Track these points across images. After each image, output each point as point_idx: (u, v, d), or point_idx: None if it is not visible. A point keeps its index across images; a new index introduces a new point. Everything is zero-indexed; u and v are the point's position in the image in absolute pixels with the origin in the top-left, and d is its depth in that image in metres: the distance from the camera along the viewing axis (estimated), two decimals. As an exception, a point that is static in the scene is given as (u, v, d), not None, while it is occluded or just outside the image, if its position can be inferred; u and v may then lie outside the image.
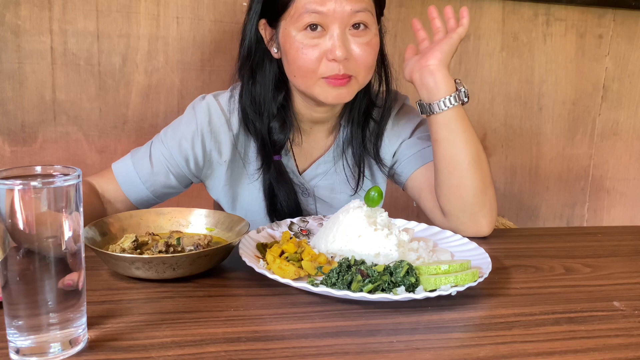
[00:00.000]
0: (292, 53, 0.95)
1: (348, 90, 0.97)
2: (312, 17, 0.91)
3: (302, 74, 0.96)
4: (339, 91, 0.96)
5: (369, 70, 0.98)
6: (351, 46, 0.94)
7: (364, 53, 0.95)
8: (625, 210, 1.99)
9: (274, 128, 1.03)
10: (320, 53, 0.93)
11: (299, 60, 0.94)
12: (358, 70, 0.96)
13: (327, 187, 1.11)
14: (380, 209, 0.88)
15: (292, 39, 0.94)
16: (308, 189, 1.11)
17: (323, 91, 0.96)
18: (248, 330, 0.64)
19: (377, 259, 0.81)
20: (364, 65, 0.96)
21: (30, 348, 0.56)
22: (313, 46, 0.93)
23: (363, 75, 0.98)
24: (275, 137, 1.04)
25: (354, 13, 0.92)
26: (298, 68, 0.95)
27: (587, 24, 1.79)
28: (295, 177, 1.09)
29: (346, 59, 0.93)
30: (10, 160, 1.45)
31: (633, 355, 0.63)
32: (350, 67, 0.94)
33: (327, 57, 0.93)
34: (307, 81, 0.96)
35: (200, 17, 1.50)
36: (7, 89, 1.42)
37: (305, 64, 0.94)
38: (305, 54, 0.93)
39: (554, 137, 1.86)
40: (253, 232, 0.90)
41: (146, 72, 1.49)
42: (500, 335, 0.66)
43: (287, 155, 1.09)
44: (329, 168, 1.11)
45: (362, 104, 1.07)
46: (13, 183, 0.53)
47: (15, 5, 1.39)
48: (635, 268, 0.91)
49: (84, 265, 0.59)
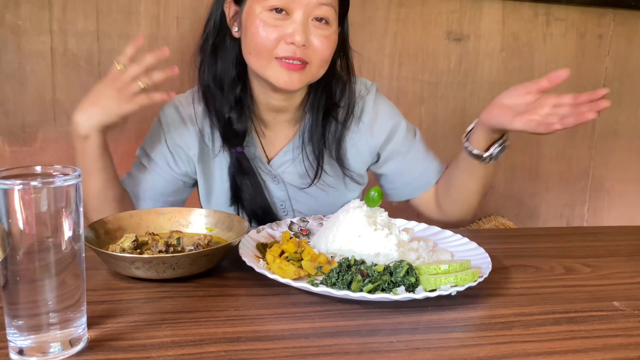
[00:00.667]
0: (252, 29, 0.96)
1: (300, 77, 0.97)
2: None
3: (258, 51, 0.97)
4: (290, 76, 0.97)
5: (323, 63, 1.00)
6: (311, 36, 0.96)
7: (322, 45, 0.97)
8: (625, 210, 1.99)
9: (233, 118, 1.05)
10: (279, 35, 0.95)
11: (257, 36, 0.96)
12: (313, 59, 0.97)
13: (295, 174, 1.12)
14: (380, 209, 0.88)
15: (254, 16, 0.96)
16: (277, 176, 1.11)
17: (275, 73, 0.97)
18: (248, 330, 0.64)
19: (377, 259, 0.81)
20: (320, 56, 0.97)
21: (30, 348, 0.56)
22: (274, 26, 0.95)
23: (317, 66, 0.99)
24: (235, 127, 1.05)
25: (319, 5, 0.95)
26: (255, 45, 0.97)
27: (587, 24, 1.79)
28: (263, 166, 1.11)
29: (304, 46, 0.95)
30: (10, 160, 1.45)
31: (633, 355, 0.63)
32: (307, 54, 0.96)
33: (286, 40, 0.95)
34: (261, 60, 0.97)
35: (200, 17, 1.49)
36: (7, 89, 1.42)
37: (262, 42, 0.95)
38: (265, 31, 0.95)
39: (554, 137, 1.86)
40: (253, 232, 0.90)
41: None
42: (500, 335, 0.66)
43: (254, 146, 1.10)
44: (296, 155, 1.11)
45: (321, 99, 1.07)
46: (13, 183, 0.53)
47: (15, 5, 1.39)
48: (635, 268, 0.91)
49: (84, 266, 0.59)
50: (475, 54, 1.74)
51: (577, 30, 1.79)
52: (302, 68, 0.97)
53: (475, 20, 1.71)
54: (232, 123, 1.05)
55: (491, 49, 1.75)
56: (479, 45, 1.73)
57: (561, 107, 0.89)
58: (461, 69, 1.74)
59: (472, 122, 1.02)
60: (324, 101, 1.07)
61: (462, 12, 1.70)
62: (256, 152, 1.10)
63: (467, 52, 1.73)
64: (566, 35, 1.79)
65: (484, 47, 1.74)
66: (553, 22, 1.77)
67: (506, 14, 1.73)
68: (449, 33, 1.70)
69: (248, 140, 1.08)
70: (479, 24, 1.72)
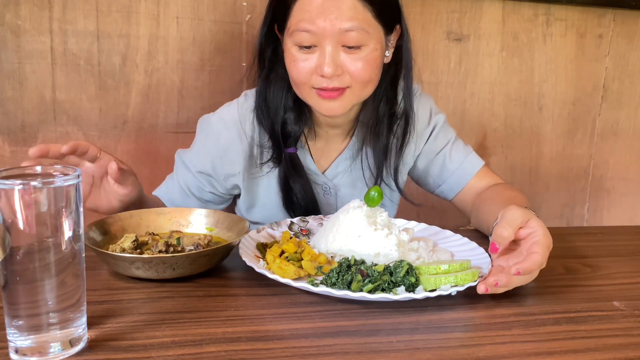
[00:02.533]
0: (287, 63, 0.98)
1: (341, 103, 0.97)
2: (303, 35, 0.93)
3: (296, 85, 0.99)
4: (330, 104, 0.97)
5: (367, 83, 0.98)
6: (344, 61, 0.94)
7: (358, 69, 0.94)
8: (625, 210, 1.99)
9: (289, 119, 1.04)
10: (311, 67, 0.94)
11: (292, 71, 0.97)
12: (352, 83, 0.96)
13: (348, 185, 1.12)
14: (380, 209, 0.88)
15: (287, 51, 0.97)
16: (331, 188, 1.12)
17: (315, 103, 0.98)
18: (248, 330, 0.64)
19: (377, 259, 0.81)
20: (359, 79, 0.96)
21: (30, 348, 0.56)
22: (305, 60, 0.95)
23: (359, 88, 0.97)
24: (290, 128, 1.05)
25: (344, 32, 0.91)
26: (292, 78, 0.99)
27: (587, 24, 1.79)
28: (317, 177, 1.11)
29: (337, 75, 0.94)
30: (10, 160, 1.45)
31: (633, 355, 0.63)
32: (344, 80, 0.95)
33: (317, 72, 0.94)
34: (301, 92, 0.99)
35: (200, 17, 1.50)
36: (7, 89, 1.42)
37: (297, 76, 0.96)
38: (298, 66, 0.95)
39: (554, 137, 1.86)
40: (253, 232, 0.90)
41: (146, 72, 1.49)
42: (500, 335, 0.66)
43: (303, 150, 1.10)
44: (348, 167, 1.12)
45: (379, 110, 1.06)
46: (13, 183, 0.53)
47: (15, 5, 1.39)
48: (635, 268, 0.91)
49: (84, 265, 0.59)
50: (475, 54, 1.73)
51: (577, 30, 1.79)
52: (341, 94, 0.96)
53: (475, 20, 1.71)
54: (288, 124, 1.05)
55: (491, 49, 1.74)
56: (479, 45, 1.73)
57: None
58: (461, 69, 1.74)
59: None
60: (382, 112, 1.06)
61: (462, 12, 1.69)
62: (305, 159, 1.10)
63: (467, 52, 1.73)
64: (566, 35, 1.78)
65: (484, 47, 1.74)
66: (553, 22, 1.76)
67: (506, 14, 1.73)
68: (449, 33, 1.70)
69: (298, 148, 1.08)
70: (479, 24, 1.71)
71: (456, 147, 1.15)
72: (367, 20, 0.93)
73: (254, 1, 1.52)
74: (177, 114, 1.51)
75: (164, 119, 1.50)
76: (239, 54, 1.54)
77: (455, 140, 1.16)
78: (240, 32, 1.53)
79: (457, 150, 1.14)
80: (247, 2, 1.52)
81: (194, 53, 1.51)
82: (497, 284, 0.72)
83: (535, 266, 0.74)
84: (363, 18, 0.92)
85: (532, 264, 0.73)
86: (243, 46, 1.54)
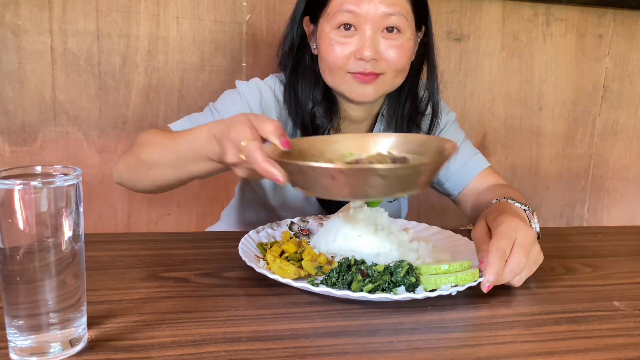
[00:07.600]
0: (323, 48, 0.98)
1: (374, 88, 0.98)
2: (345, 16, 0.94)
3: (331, 69, 0.99)
4: (364, 88, 0.98)
5: (399, 72, 1.00)
6: (381, 47, 0.96)
7: (394, 55, 0.96)
8: (625, 210, 1.99)
9: (317, 113, 1.05)
10: (350, 51, 0.96)
11: (328, 55, 0.97)
12: (387, 70, 0.97)
13: None
14: (381, 209, 0.88)
15: (325, 36, 0.97)
16: None
17: (349, 87, 0.99)
18: (248, 330, 0.64)
19: (377, 259, 0.81)
20: (393, 66, 0.97)
21: (30, 348, 0.56)
22: (343, 44, 0.96)
23: (392, 76, 0.99)
24: (318, 122, 1.05)
25: (387, 16, 0.94)
26: (327, 63, 0.98)
27: (587, 24, 1.79)
28: None
29: (375, 60, 0.95)
30: (10, 160, 1.45)
31: (633, 355, 0.63)
32: (380, 66, 0.96)
33: (356, 56, 0.95)
34: (334, 77, 0.99)
35: (200, 17, 1.50)
36: (7, 89, 1.42)
37: (334, 60, 0.97)
38: (335, 49, 0.96)
39: (554, 137, 1.86)
40: (253, 232, 0.90)
41: (146, 72, 1.49)
42: (500, 335, 0.66)
43: None
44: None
45: (405, 106, 1.08)
46: (13, 183, 0.53)
47: (15, 5, 1.39)
48: (635, 268, 0.91)
49: (84, 265, 0.59)
50: (475, 53, 1.74)
51: (577, 30, 1.79)
52: (375, 78, 0.97)
53: (475, 20, 1.71)
54: (316, 117, 1.04)
55: (491, 49, 1.74)
56: (479, 45, 1.73)
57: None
58: (461, 69, 1.74)
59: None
60: (407, 108, 1.07)
61: (462, 12, 1.69)
62: None
63: (467, 52, 1.73)
64: (566, 35, 1.78)
65: (484, 47, 1.74)
66: (553, 22, 1.76)
67: (506, 14, 1.73)
68: (449, 33, 1.70)
69: None
70: (479, 24, 1.72)
71: (463, 148, 1.15)
72: (407, 9, 0.97)
73: (254, 1, 1.52)
74: (177, 114, 1.51)
75: (164, 119, 1.50)
76: (239, 54, 1.54)
77: (464, 141, 1.16)
78: (240, 32, 1.53)
79: (464, 151, 1.15)
80: (247, 2, 1.52)
81: (194, 53, 1.51)
82: (489, 287, 0.73)
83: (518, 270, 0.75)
84: (404, 6, 0.96)
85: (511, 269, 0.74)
86: (243, 46, 1.54)
